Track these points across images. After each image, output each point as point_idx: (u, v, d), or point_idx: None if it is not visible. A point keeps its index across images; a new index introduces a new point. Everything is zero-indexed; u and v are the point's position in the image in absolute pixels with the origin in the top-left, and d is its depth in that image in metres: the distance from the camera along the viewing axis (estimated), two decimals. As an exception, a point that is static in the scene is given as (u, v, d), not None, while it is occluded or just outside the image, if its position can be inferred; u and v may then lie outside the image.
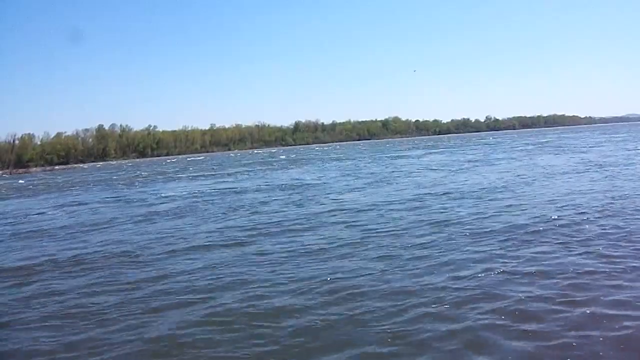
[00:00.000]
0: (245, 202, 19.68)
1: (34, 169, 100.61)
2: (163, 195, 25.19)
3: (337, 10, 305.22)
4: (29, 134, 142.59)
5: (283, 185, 26.54)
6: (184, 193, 25.38)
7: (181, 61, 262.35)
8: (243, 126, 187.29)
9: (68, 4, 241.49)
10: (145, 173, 53.13)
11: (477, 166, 31.47)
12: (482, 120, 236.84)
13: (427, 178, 25.35)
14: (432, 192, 19.17)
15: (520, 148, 51.44)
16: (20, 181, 56.31)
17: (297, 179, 30.33)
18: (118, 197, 26.44)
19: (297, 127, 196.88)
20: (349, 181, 26.94)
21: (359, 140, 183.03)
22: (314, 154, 77.48)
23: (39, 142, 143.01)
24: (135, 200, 23.81)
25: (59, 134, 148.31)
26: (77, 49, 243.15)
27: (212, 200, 21.56)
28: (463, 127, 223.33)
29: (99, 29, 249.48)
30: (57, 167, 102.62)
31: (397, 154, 57.82)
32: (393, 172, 31.33)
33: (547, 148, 47.79)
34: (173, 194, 25.67)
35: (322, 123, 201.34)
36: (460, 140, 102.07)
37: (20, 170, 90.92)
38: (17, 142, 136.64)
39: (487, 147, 61.99)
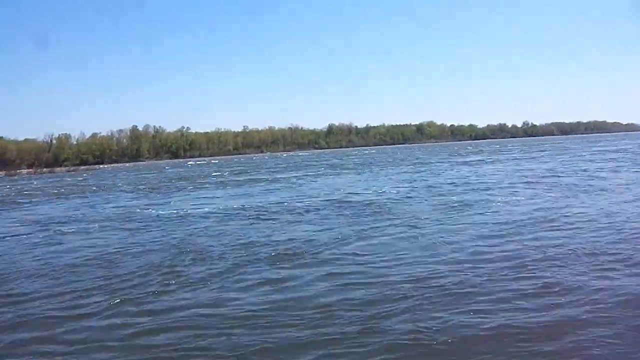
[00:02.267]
0: (318, 238, 12.47)
1: (59, 168, 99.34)
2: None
3: (372, 13, 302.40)
4: (66, 134, 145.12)
5: (344, 204, 19.22)
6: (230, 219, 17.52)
7: (214, 63, 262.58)
8: (276, 128, 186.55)
9: (98, 5, 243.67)
10: (183, 175, 50.77)
11: (595, 179, 23.45)
12: (519, 125, 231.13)
13: (544, 200, 17.37)
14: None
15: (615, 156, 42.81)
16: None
17: (365, 193, 23.11)
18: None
19: (330, 130, 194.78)
20: (427, 198, 19.52)
21: (392, 144, 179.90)
22: (357, 158, 72.57)
23: (74, 142, 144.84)
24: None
25: (94, 135, 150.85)
26: (112, 50, 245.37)
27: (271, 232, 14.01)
28: (499, 132, 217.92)
29: (133, 30, 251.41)
30: (82, 167, 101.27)
31: (454, 160, 50.71)
32: (478, 187, 22.70)
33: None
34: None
35: (356, 126, 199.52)
36: (510, 146, 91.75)
37: (45, 170, 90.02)
38: (54, 141, 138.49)
39: (558, 153, 53.80)
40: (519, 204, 16.49)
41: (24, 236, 15.84)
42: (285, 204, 20.48)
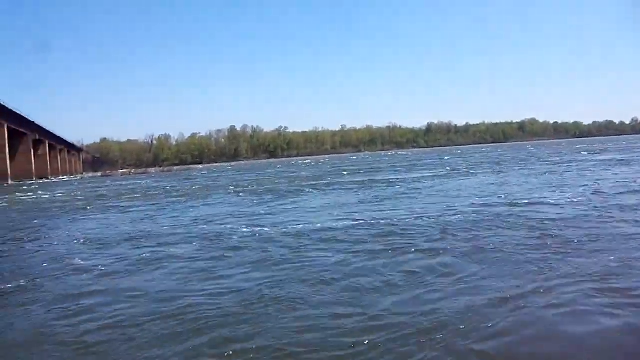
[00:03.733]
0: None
1: (153, 169, 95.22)
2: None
3: (475, 12, 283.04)
4: (166, 134, 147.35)
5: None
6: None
7: (309, 62, 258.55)
8: (374, 127, 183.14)
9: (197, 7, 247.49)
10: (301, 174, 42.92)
11: None
12: (627, 122, 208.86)
13: None
14: None
15: None
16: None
17: (532, 197, 13.87)
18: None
19: (429, 129, 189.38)
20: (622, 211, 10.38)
21: (493, 143, 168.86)
22: (470, 156, 59.78)
23: (174, 143, 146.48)
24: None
25: (193, 135, 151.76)
26: (209, 53, 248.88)
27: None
28: (605, 129, 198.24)
29: (229, 32, 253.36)
30: (175, 168, 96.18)
31: (588, 158, 36.45)
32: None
33: None
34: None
35: (455, 125, 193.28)
36: (626, 144, 63.88)
37: (139, 171, 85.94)
38: (154, 142, 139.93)
39: None
40: None
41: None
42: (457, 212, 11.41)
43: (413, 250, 7.81)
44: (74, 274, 7.72)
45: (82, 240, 11.20)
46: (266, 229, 11.15)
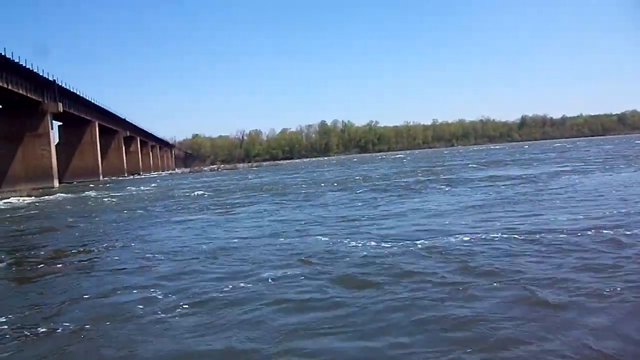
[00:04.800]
0: None
1: (241, 164, 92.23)
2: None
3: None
4: (256, 130, 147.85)
5: None
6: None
7: (398, 55, 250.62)
8: (466, 121, 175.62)
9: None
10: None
11: None
12: None
13: None
14: None
15: None
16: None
17: None
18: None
19: (523, 122, 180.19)
20: None
21: (591, 136, 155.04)
22: (579, 152, 49.59)
23: (265, 138, 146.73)
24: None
25: (283, 130, 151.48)
26: (301, 54, 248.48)
27: None
28: None
29: (319, 24, 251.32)
30: (265, 163, 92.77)
31: None
32: None
33: None
34: None
35: (551, 118, 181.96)
36: None
37: (228, 167, 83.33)
38: (245, 138, 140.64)
39: None
40: None
41: None
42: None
43: None
44: None
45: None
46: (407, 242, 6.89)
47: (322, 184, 23.81)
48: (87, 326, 4.73)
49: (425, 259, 6.52)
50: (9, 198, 28.85)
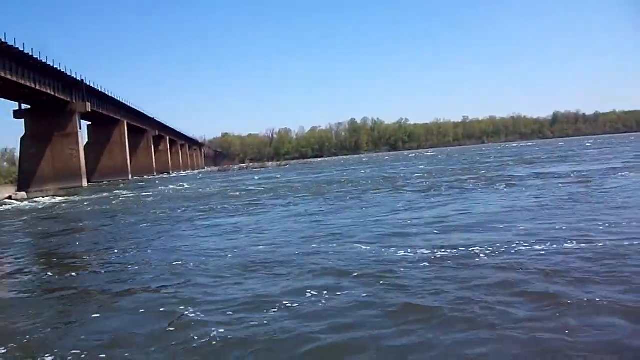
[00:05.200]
0: None
1: (270, 163, 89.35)
2: None
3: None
4: (286, 128, 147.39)
5: None
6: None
7: (428, 52, 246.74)
8: (497, 118, 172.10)
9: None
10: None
11: None
12: None
13: None
14: None
15: None
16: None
17: None
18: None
19: (555, 119, 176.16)
20: None
21: (625, 132, 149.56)
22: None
23: (294, 137, 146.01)
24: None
25: (313, 128, 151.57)
26: (330, 52, 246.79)
27: None
28: None
29: (347, 23, 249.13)
30: (292, 161, 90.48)
31: None
32: None
33: None
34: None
35: (584, 114, 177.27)
36: None
37: (257, 165, 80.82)
38: (275, 136, 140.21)
39: None
40: None
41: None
42: None
43: None
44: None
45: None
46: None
47: (363, 182, 22.27)
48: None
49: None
50: (37, 198, 28.35)
